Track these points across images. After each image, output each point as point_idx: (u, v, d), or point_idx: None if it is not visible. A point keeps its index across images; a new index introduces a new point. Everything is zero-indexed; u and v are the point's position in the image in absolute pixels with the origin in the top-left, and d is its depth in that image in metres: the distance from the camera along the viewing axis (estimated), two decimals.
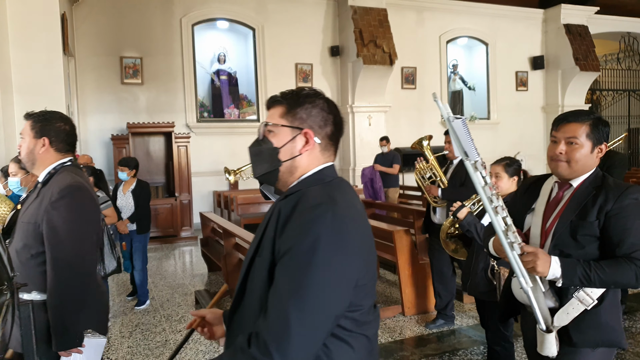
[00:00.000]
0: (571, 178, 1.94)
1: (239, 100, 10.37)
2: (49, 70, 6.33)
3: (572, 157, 1.90)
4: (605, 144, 1.92)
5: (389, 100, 10.78)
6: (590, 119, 1.91)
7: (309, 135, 1.31)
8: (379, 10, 10.29)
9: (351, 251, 1.17)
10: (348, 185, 1.34)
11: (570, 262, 1.80)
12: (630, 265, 1.76)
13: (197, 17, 9.73)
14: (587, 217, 1.85)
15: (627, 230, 1.79)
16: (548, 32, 12.79)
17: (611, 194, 1.85)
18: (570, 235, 1.87)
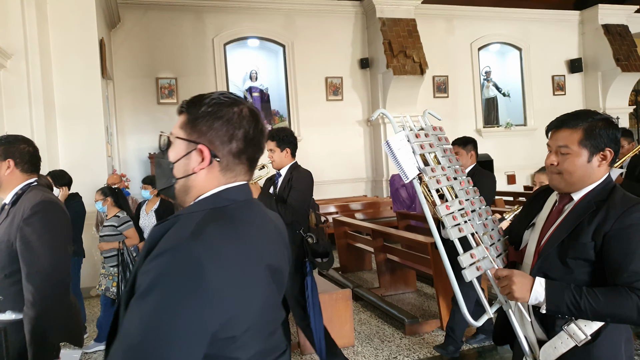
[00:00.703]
0: (570, 191, 1.69)
1: (271, 116, 10.51)
2: (88, 94, 6.58)
3: (564, 168, 1.65)
4: (609, 149, 1.63)
5: (421, 110, 10.61)
6: (584, 123, 1.65)
7: (204, 152, 1.11)
8: (408, 21, 10.28)
9: (205, 297, 0.96)
10: (252, 212, 1.15)
11: (558, 285, 1.56)
12: (631, 296, 1.47)
13: (229, 37, 9.95)
14: (579, 238, 1.59)
15: (630, 255, 1.50)
16: (585, 33, 12.46)
17: (612, 212, 1.56)
18: (558, 257, 1.62)
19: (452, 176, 1.88)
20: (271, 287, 1.13)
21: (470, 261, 1.69)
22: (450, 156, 1.96)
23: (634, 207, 1.56)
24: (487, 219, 1.89)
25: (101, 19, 7.41)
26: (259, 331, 1.08)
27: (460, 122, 11.37)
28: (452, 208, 1.76)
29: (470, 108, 11.64)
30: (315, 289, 3.40)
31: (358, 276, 6.70)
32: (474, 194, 1.93)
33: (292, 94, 10.34)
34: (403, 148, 1.78)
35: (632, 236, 1.52)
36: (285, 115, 10.49)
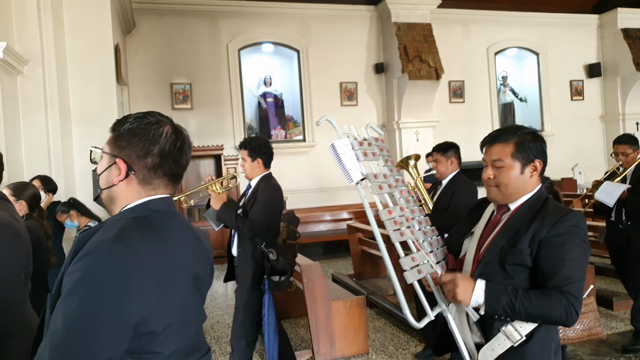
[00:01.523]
0: (507, 202, 1.80)
1: (285, 122, 10.49)
2: (104, 100, 6.61)
3: (500, 181, 1.76)
4: (538, 160, 1.76)
5: (437, 115, 10.60)
6: (515, 137, 1.77)
7: (121, 165, 1.23)
8: (424, 25, 10.20)
9: (127, 293, 1.06)
10: (173, 223, 1.25)
11: (496, 287, 1.63)
12: (561, 299, 1.57)
13: (243, 42, 9.97)
14: (517, 244, 1.68)
15: (561, 261, 1.62)
16: (604, 37, 12.26)
17: (547, 220, 1.68)
18: (498, 264, 1.71)
19: (393, 184, 1.97)
20: (192, 290, 1.24)
21: (412, 264, 1.73)
22: (391, 166, 2.07)
23: (565, 216, 1.67)
24: (426, 227, 1.98)
25: (116, 25, 7.46)
26: (180, 329, 1.19)
27: (476, 127, 11.22)
28: (394, 213, 1.82)
29: (486, 113, 11.50)
30: (272, 307, 3.31)
31: (372, 283, 6.62)
32: (413, 203, 2.01)
33: (307, 100, 10.31)
34: (347, 153, 1.87)
35: (563, 243, 1.64)
36: (299, 121, 10.47)
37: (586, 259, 1.67)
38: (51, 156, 5.89)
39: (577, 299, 1.58)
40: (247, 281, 3.33)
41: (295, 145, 10.20)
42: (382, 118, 10.74)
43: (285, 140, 10.45)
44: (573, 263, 1.62)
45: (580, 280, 1.62)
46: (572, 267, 1.61)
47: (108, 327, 1.05)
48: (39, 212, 3.45)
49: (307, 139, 10.26)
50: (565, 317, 1.57)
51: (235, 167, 9.29)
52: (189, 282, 1.23)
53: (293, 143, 10.37)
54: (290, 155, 9.74)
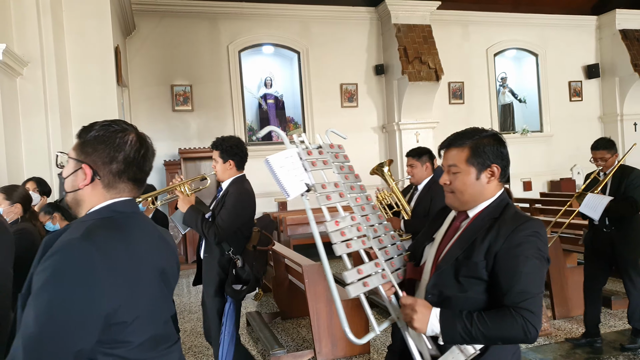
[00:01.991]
0: (465, 209, 1.71)
1: (285, 123, 10.49)
2: (104, 101, 6.60)
3: (456, 187, 1.69)
4: (495, 165, 1.66)
5: (437, 116, 10.61)
6: (470, 141, 1.68)
7: (87, 171, 1.30)
8: (423, 27, 10.22)
9: (96, 286, 1.14)
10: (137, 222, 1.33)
11: (450, 316, 1.55)
12: (517, 319, 1.49)
13: (244, 44, 9.97)
14: (472, 256, 1.59)
15: (517, 275, 1.53)
16: (603, 39, 12.30)
17: (503, 230, 1.58)
18: (453, 275, 1.62)
19: (345, 193, 1.92)
20: (159, 283, 1.32)
21: (357, 277, 1.69)
22: (347, 173, 2.02)
23: (522, 225, 1.58)
24: (384, 234, 1.92)
25: (116, 27, 7.45)
26: (149, 319, 1.26)
27: None
28: (342, 224, 1.77)
29: (486, 114, 11.52)
30: (232, 316, 3.20)
31: None
32: (371, 210, 1.96)
33: (307, 101, 10.31)
34: (288, 165, 1.83)
35: (519, 255, 1.54)
36: (300, 122, 10.47)
37: (542, 270, 1.58)
38: (51, 158, 5.87)
39: (533, 314, 1.51)
40: (212, 287, 3.22)
41: None
42: (382, 119, 10.74)
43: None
44: (528, 277, 1.53)
45: (536, 294, 1.54)
46: (527, 281, 1.53)
47: (78, 320, 1.12)
48: (30, 213, 3.41)
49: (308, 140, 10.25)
50: (523, 336, 1.50)
51: None
52: (155, 276, 1.31)
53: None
54: None
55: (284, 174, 1.81)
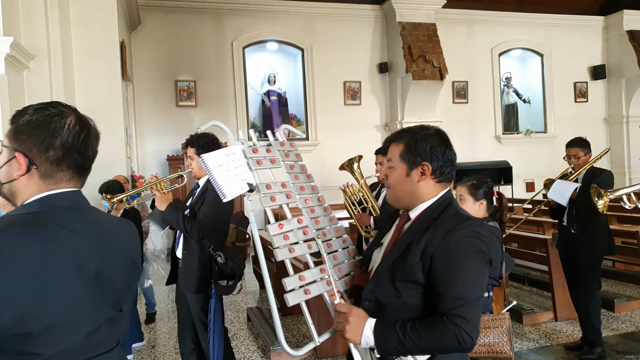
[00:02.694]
0: (400, 206, 1.67)
1: (288, 120, 10.51)
2: (109, 95, 6.65)
3: (389, 182, 1.65)
4: (426, 163, 1.58)
5: (440, 115, 10.60)
6: (407, 137, 1.63)
7: (21, 160, 1.17)
8: (428, 25, 10.20)
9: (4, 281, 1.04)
10: (73, 218, 1.20)
11: (385, 327, 1.47)
12: (449, 327, 1.39)
13: (248, 40, 9.99)
14: (408, 259, 1.51)
15: (451, 280, 1.44)
16: (609, 39, 12.24)
17: (439, 231, 1.49)
18: (389, 280, 1.54)
19: (293, 194, 1.84)
20: (87, 289, 1.17)
21: (298, 284, 1.63)
22: (298, 173, 1.93)
23: (459, 225, 1.49)
24: (335, 238, 1.86)
25: (122, 22, 7.49)
26: (67, 329, 1.12)
27: (480, 128, 11.24)
28: (286, 227, 1.71)
29: (489, 114, 11.50)
30: (218, 313, 3.18)
31: None
32: (323, 212, 1.90)
33: (310, 98, 10.33)
34: (229, 164, 1.76)
35: (455, 257, 1.46)
36: (302, 119, 10.49)
37: (481, 273, 1.49)
38: None
39: (468, 322, 1.41)
40: (193, 285, 3.15)
41: (298, 144, 10.13)
42: (385, 117, 10.75)
43: (288, 138, 10.42)
44: (464, 281, 1.44)
45: (472, 300, 1.44)
46: (462, 286, 1.43)
47: None
48: None
49: (310, 137, 10.28)
50: (457, 344, 1.40)
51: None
52: (81, 280, 1.16)
53: (296, 142, 10.36)
54: None
55: (221, 173, 1.74)
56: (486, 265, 1.50)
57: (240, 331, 4.92)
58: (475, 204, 2.66)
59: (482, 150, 10.94)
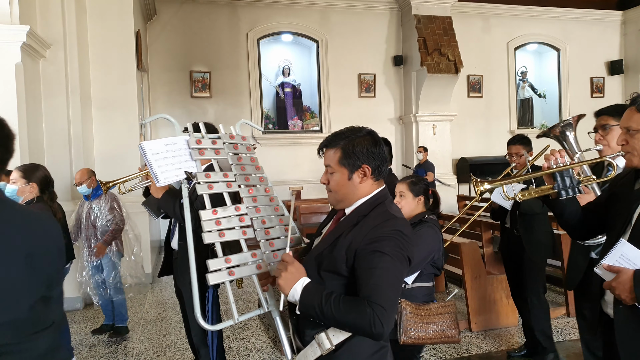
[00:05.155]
0: (342, 207, 1.75)
1: (302, 112, 10.50)
2: (124, 85, 6.67)
3: (332, 187, 1.72)
4: (366, 166, 1.66)
5: (455, 109, 10.53)
6: (343, 142, 1.69)
7: None
8: (444, 19, 10.11)
9: None
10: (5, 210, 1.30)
11: (314, 289, 1.55)
12: (366, 309, 1.46)
13: (263, 32, 9.97)
14: (334, 251, 1.61)
15: (372, 270, 1.52)
16: (627, 34, 12.05)
17: (366, 227, 1.60)
18: (315, 268, 1.64)
19: (233, 183, 1.96)
20: (22, 267, 1.27)
21: (224, 265, 1.73)
22: (246, 164, 2.05)
23: (385, 222, 1.59)
24: (277, 226, 1.98)
25: (138, 12, 7.50)
26: (5, 303, 1.22)
27: (494, 122, 11.15)
28: (221, 213, 1.83)
29: (504, 108, 11.40)
30: (216, 303, 3.18)
31: None
32: (267, 201, 2.00)
33: (324, 90, 10.30)
34: (168, 152, 1.87)
35: (375, 251, 1.54)
36: (316, 112, 10.47)
37: (400, 270, 1.57)
38: (71, 139, 5.96)
39: (384, 310, 1.47)
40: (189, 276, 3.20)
41: (312, 136, 10.19)
42: (399, 110, 10.69)
43: (302, 130, 10.46)
44: (383, 272, 1.51)
45: (390, 291, 1.52)
46: (381, 276, 1.51)
47: None
48: (49, 194, 3.43)
49: (324, 129, 10.26)
50: (368, 327, 1.46)
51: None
52: (15, 259, 1.26)
53: (310, 133, 10.37)
54: (307, 146, 9.73)
55: (159, 159, 1.84)
56: (404, 263, 1.59)
57: (252, 321, 4.94)
58: (415, 200, 2.85)
59: (496, 145, 10.84)
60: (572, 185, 1.94)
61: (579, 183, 1.96)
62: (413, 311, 2.55)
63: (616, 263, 1.70)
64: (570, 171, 1.95)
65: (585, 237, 2.22)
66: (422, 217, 2.80)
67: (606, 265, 1.72)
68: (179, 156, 1.88)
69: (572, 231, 2.16)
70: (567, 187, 1.95)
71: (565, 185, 1.95)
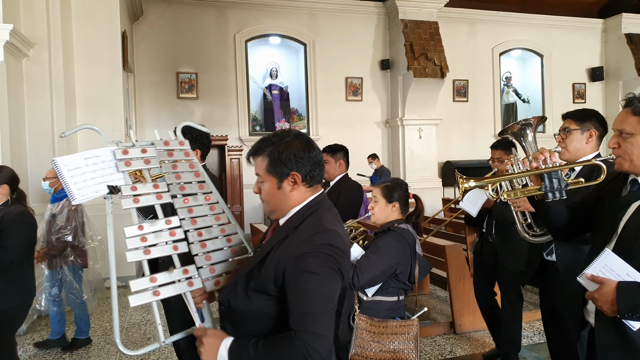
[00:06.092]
0: (276, 217, 1.64)
1: (289, 114, 10.50)
2: (110, 86, 6.60)
3: (263, 197, 1.62)
4: (295, 173, 1.56)
5: (440, 113, 10.62)
6: (270, 149, 1.58)
7: None
8: (430, 24, 10.20)
9: None
10: None
11: (238, 347, 1.46)
12: (294, 342, 1.37)
13: (251, 34, 9.96)
14: (262, 269, 1.51)
15: (299, 293, 1.42)
16: (608, 42, 12.29)
17: (295, 241, 1.49)
18: (243, 286, 1.55)
19: (174, 193, 1.84)
20: None
21: (148, 285, 1.64)
22: (182, 172, 1.91)
23: (312, 236, 1.47)
24: (218, 238, 1.85)
25: (124, 12, 7.44)
26: None
27: (479, 126, 11.27)
28: (148, 229, 1.71)
29: (489, 113, 11.54)
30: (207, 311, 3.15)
31: None
32: (207, 211, 1.88)
33: (312, 93, 10.32)
34: (88, 167, 1.75)
35: (303, 270, 1.43)
36: (304, 114, 10.47)
37: (330, 286, 1.46)
38: (55, 140, 5.89)
39: (316, 336, 1.38)
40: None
41: None
42: (386, 114, 10.75)
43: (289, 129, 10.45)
44: (311, 295, 1.42)
45: (320, 314, 1.42)
46: (309, 300, 1.41)
47: None
48: (18, 193, 3.28)
49: (312, 132, 10.27)
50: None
51: (238, 159, 9.31)
52: None
53: None
54: None
55: (75, 176, 1.73)
56: (337, 277, 1.48)
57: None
58: (388, 206, 2.63)
59: (481, 149, 10.95)
60: (560, 188, 1.87)
61: (567, 185, 1.89)
62: (368, 327, 2.38)
63: (599, 273, 1.65)
64: (559, 173, 1.87)
65: (569, 237, 2.16)
66: (390, 225, 2.58)
67: (589, 275, 1.67)
68: (102, 169, 1.75)
69: (555, 231, 2.10)
70: (554, 189, 1.88)
71: (553, 187, 1.87)
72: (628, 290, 1.58)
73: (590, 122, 2.64)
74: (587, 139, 2.63)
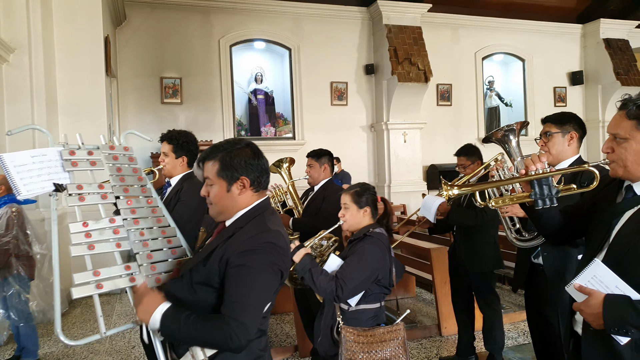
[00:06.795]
0: (223, 219, 1.75)
1: (275, 119, 10.49)
2: (92, 91, 6.54)
3: (211, 199, 1.72)
4: (244, 177, 1.68)
5: (425, 117, 10.70)
6: (221, 154, 1.69)
7: None
8: (414, 29, 10.29)
9: None
10: None
11: (173, 314, 1.57)
12: (223, 324, 1.50)
13: (235, 38, 9.93)
14: (207, 263, 1.62)
15: (235, 284, 1.55)
16: (587, 47, 12.53)
17: (238, 239, 1.61)
18: (189, 280, 1.66)
19: (113, 195, 1.97)
20: None
21: (91, 279, 1.73)
22: (126, 175, 2.04)
23: (256, 235, 1.59)
24: (159, 238, 1.98)
25: (107, 16, 7.39)
26: None
27: (463, 130, 11.37)
28: (92, 226, 1.81)
29: (472, 117, 11.65)
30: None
31: None
32: (149, 212, 2.00)
33: (297, 98, 10.32)
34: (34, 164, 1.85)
35: (242, 264, 1.55)
36: (289, 119, 10.47)
37: (268, 282, 1.59)
38: (36, 146, 5.80)
39: (240, 324, 1.50)
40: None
41: (285, 143, 10.19)
42: (371, 118, 10.80)
43: (275, 137, 10.44)
44: (246, 287, 1.54)
45: (250, 306, 1.54)
46: (243, 291, 1.53)
47: None
48: None
49: (297, 137, 10.27)
50: (225, 342, 1.50)
51: None
52: None
53: (282, 141, 10.36)
54: (280, 153, 9.62)
55: (21, 172, 1.82)
56: (276, 276, 1.61)
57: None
58: (360, 212, 2.61)
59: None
60: (550, 195, 1.81)
61: (557, 192, 1.82)
62: (356, 339, 2.38)
63: (588, 284, 1.59)
64: (550, 179, 1.81)
65: (563, 242, 2.14)
66: (366, 231, 2.56)
67: (577, 286, 1.61)
68: (48, 168, 1.84)
69: (548, 236, 2.07)
70: (544, 196, 1.82)
71: (543, 194, 1.81)
72: (615, 305, 1.52)
73: (570, 125, 2.69)
74: (568, 141, 2.68)
